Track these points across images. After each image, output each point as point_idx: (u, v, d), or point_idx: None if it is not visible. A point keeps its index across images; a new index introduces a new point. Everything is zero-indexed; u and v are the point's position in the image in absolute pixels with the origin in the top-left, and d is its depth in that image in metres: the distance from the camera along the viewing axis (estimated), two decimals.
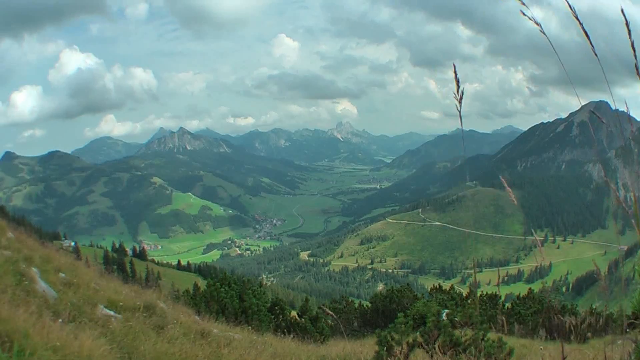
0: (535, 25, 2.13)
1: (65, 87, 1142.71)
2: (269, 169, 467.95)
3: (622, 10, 1.97)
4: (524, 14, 2.09)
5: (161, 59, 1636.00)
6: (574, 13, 2.03)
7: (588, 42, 2.05)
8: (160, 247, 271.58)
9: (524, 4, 2.09)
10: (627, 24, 1.97)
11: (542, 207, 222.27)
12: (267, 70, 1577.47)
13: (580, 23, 2.05)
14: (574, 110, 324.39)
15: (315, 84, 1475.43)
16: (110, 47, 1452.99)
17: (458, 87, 2.30)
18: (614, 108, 2.33)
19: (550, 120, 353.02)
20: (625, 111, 2.25)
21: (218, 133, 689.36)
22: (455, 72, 2.31)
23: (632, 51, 1.95)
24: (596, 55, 2.08)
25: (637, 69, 1.93)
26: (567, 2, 2.03)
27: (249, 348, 6.51)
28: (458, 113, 2.34)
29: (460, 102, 2.33)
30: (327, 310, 9.16)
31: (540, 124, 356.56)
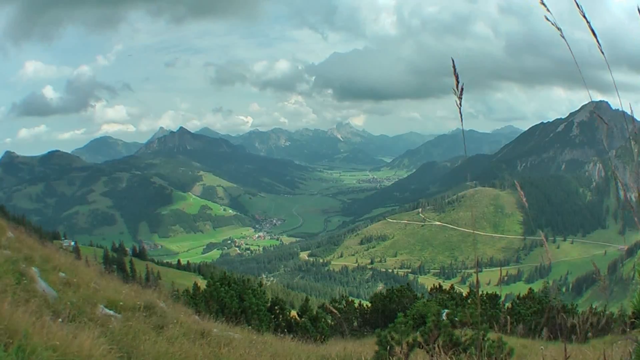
0: (552, 25, 2.05)
1: None
2: (269, 169, 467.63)
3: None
4: (542, 3, 2.03)
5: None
6: (582, 12, 1.98)
7: (595, 41, 2.00)
8: (160, 247, 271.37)
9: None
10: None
11: (542, 207, 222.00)
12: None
13: (588, 22, 1.99)
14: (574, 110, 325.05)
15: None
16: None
17: (457, 82, 2.15)
18: (614, 108, 2.32)
19: (550, 120, 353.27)
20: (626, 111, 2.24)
21: (218, 133, 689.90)
22: (454, 66, 2.17)
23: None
24: (603, 53, 2.03)
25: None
26: (576, 1, 2.00)
27: (249, 348, 6.51)
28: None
29: (460, 98, 2.19)
30: (331, 307, 9.16)
31: (540, 123, 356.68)
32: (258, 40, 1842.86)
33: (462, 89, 2.17)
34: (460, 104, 2.21)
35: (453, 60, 2.19)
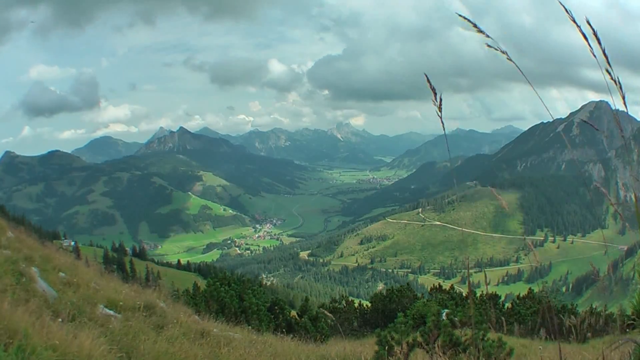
0: (503, 55, 2.21)
1: None
2: (269, 169, 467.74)
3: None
4: (489, 45, 2.15)
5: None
6: (571, 16, 2.00)
7: (587, 44, 2.03)
8: (160, 247, 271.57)
9: (488, 36, 2.13)
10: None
11: (542, 207, 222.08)
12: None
13: (578, 26, 2.01)
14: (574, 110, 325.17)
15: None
16: None
17: (435, 94, 2.32)
18: (614, 108, 2.32)
19: (551, 120, 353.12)
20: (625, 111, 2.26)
21: (218, 133, 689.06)
22: (428, 81, 2.32)
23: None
24: (594, 56, 2.05)
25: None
26: (562, 4, 2.02)
27: (249, 348, 6.51)
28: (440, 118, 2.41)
29: (440, 109, 2.36)
30: (324, 310, 9.16)
31: (540, 123, 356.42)
32: (257, 40, 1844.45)
33: (440, 99, 2.33)
34: (440, 114, 2.38)
35: (427, 76, 2.33)
